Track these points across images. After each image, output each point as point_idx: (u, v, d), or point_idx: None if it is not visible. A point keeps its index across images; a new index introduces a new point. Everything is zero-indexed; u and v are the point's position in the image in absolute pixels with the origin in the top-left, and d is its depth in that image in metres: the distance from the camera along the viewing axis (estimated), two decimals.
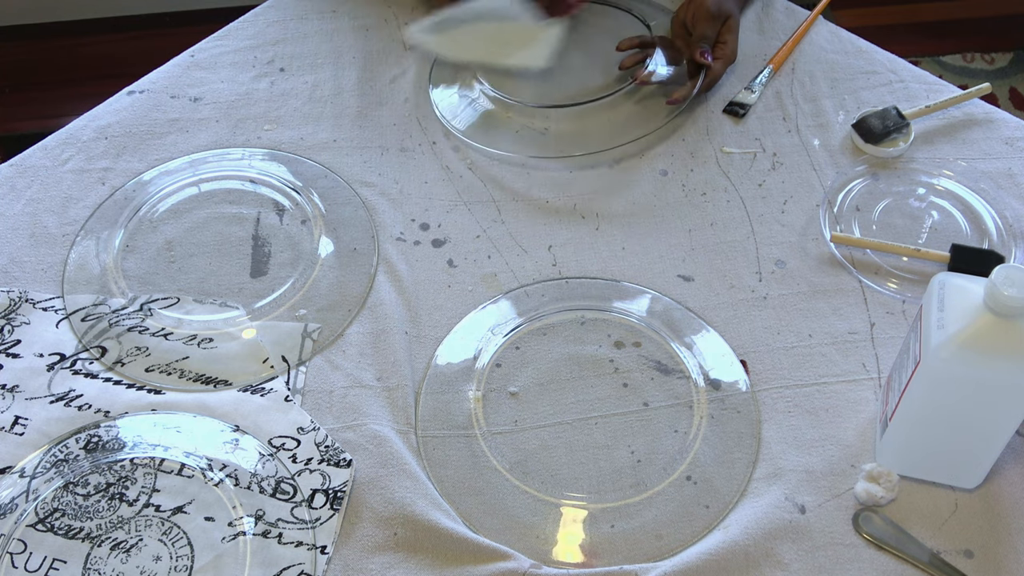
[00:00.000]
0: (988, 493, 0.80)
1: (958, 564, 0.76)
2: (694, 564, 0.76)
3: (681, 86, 1.08)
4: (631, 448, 0.84)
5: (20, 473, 0.81)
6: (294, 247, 0.97)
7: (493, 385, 0.88)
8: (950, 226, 0.99)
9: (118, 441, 0.83)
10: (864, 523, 0.79)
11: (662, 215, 1.01)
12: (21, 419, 0.85)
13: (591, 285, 0.95)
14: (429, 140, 1.08)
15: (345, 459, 0.82)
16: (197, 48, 1.18)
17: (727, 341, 0.90)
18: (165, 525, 0.78)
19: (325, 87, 1.13)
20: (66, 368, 0.88)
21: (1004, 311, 0.68)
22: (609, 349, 0.90)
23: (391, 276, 0.95)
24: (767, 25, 1.19)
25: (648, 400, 0.87)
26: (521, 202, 1.02)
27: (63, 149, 1.06)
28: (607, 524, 0.80)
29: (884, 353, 0.89)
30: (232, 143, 1.07)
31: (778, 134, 1.08)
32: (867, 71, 1.14)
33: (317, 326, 0.91)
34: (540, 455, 0.83)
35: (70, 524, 0.78)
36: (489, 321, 0.92)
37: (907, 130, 1.05)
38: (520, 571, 0.76)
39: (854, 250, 0.97)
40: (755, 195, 1.02)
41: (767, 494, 0.81)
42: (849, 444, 0.83)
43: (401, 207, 1.02)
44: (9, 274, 0.95)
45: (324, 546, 0.78)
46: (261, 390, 0.87)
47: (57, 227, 0.99)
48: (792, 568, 0.77)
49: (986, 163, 1.04)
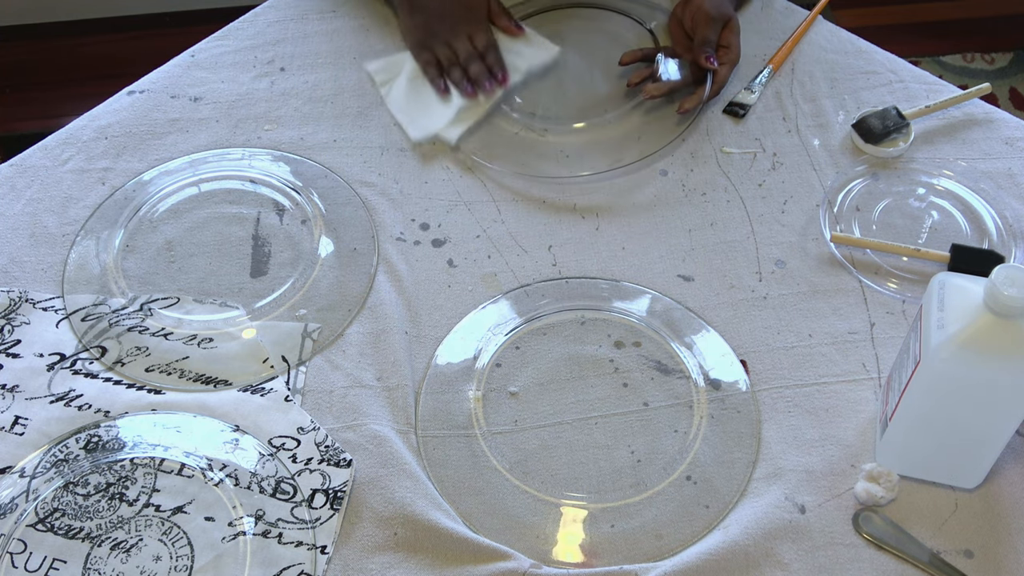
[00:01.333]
0: (988, 493, 0.80)
1: (958, 564, 0.76)
2: (694, 564, 0.76)
3: (689, 94, 1.07)
4: (631, 448, 0.84)
5: (20, 473, 0.81)
6: (294, 247, 0.97)
7: (493, 385, 0.88)
8: (950, 226, 0.99)
9: (118, 441, 0.83)
10: (864, 523, 0.79)
11: (662, 215, 1.01)
12: (21, 419, 0.85)
13: (591, 285, 0.95)
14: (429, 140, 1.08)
15: (345, 459, 0.82)
16: (197, 48, 1.18)
17: (727, 341, 0.90)
18: (165, 525, 0.78)
19: (325, 87, 1.13)
20: (66, 368, 0.88)
21: (1004, 311, 0.68)
22: (609, 349, 0.90)
23: (391, 276, 0.95)
24: (767, 25, 1.19)
25: (648, 400, 0.87)
26: (521, 202, 1.02)
27: (63, 149, 1.06)
28: (607, 524, 0.80)
29: (884, 353, 0.89)
30: (232, 143, 1.07)
31: (778, 134, 1.08)
32: (867, 71, 1.14)
33: (317, 326, 0.91)
34: (540, 455, 0.84)
35: (70, 524, 0.78)
36: (489, 321, 0.92)
37: (907, 130, 1.05)
38: (520, 571, 0.76)
39: (854, 250, 0.97)
40: (755, 195, 1.02)
41: (767, 494, 0.81)
42: (849, 444, 0.83)
43: (401, 207, 1.02)
44: (9, 274, 0.95)
45: (324, 546, 0.78)
46: (261, 390, 0.87)
47: (57, 227, 0.99)
48: (792, 568, 0.77)
49: (986, 163, 1.04)
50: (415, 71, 1.12)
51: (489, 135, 1.07)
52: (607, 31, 1.18)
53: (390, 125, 1.09)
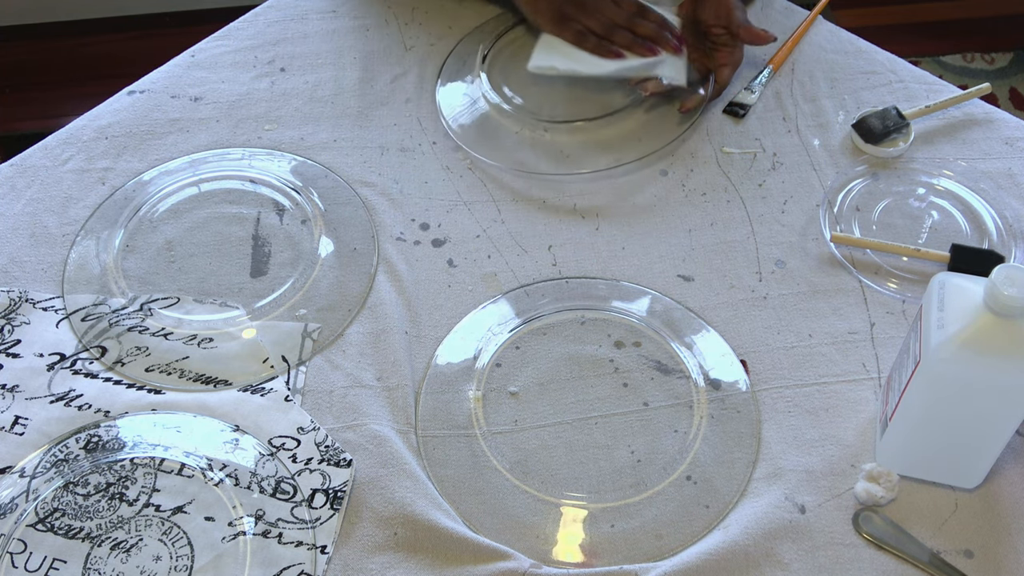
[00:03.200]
0: (988, 493, 0.80)
1: (958, 564, 0.76)
2: (694, 564, 0.76)
3: (691, 94, 1.07)
4: (631, 448, 0.84)
5: (20, 473, 0.81)
6: (294, 247, 0.97)
7: (493, 385, 0.88)
8: (950, 226, 0.99)
9: (118, 441, 0.83)
10: (864, 523, 0.79)
11: (662, 215, 1.01)
12: (21, 419, 0.85)
13: (591, 285, 0.95)
14: (429, 140, 1.08)
15: (345, 459, 0.82)
16: (197, 48, 1.18)
17: (727, 341, 0.90)
18: (165, 525, 0.78)
19: (325, 87, 1.13)
20: (66, 368, 0.88)
21: (1004, 311, 0.68)
22: (609, 349, 0.90)
23: (391, 276, 0.95)
24: (767, 25, 1.19)
25: (648, 400, 0.87)
26: (521, 202, 1.02)
27: (63, 149, 1.06)
28: (607, 524, 0.80)
29: (884, 353, 0.89)
30: (232, 143, 1.07)
31: (778, 134, 1.08)
32: (867, 71, 1.14)
33: (317, 326, 0.92)
34: (540, 455, 0.84)
35: (70, 524, 0.78)
36: (489, 321, 0.92)
37: (907, 130, 1.05)
38: (520, 571, 0.76)
39: (854, 250, 0.97)
40: (755, 195, 1.02)
41: (767, 494, 0.81)
42: (849, 444, 0.83)
43: (401, 207, 1.02)
44: (9, 274, 0.95)
45: (324, 546, 0.78)
46: (261, 390, 0.87)
47: (57, 227, 0.99)
48: (792, 568, 0.77)
49: (986, 163, 1.04)
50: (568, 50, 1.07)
51: (489, 133, 1.07)
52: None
53: (390, 125, 1.09)
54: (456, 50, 1.17)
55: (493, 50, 1.15)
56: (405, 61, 1.16)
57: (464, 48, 1.17)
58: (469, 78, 1.13)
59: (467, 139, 1.07)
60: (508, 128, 1.08)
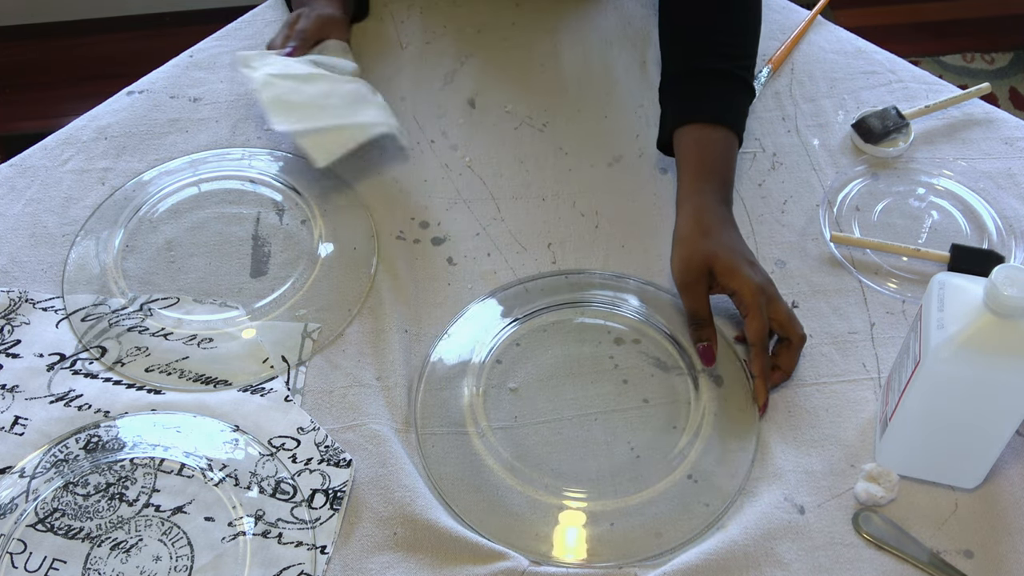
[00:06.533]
0: (988, 493, 0.80)
1: (958, 564, 0.76)
2: (694, 563, 0.76)
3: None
4: (631, 445, 0.84)
5: (20, 473, 0.81)
6: (294, 247, 0.97)
7: (493, 382, 0.88)
8: (950, 226, 0.99)
9: (118, 441, 0.83)
10: (864, 523, 0.79)
11: (662, 213, 1.01)
12: (21, 419, 0.85)
13: (591, 282, 0.95)
14: (428, 139, 1.08)
15: (345, 459, 0.82)
16: (197, 48, 1.18)
17: (727, 339, 0.90)
18: (165, 525, 0.78)
19: None
20: (66, 368, 0.88)
21: (1004, 311, 0.68)
22: (609, 346, 0.90)
23: (391, 275, 0.95)
24: (766, 25, 1.18)
25: (648, 397, 0.87)
26: (520, 200, 1.02)
27: (63, 149, 1.06)
28: (607, 522, 0.80)
29: (884, 353, 0.89)
30: (232, 143, 1.07)
31: (778, 134, 1.08)
32: (867, 71, 1.14)
33: (317, 326, 0.91)
34: (540, 452, 0.83)
35: (70, 524, 0.78)
36: (489, 318, 0.92)
37: (907, 130, 1.05)
38: (519, 570, 0.76)
39: (854, 250, 0.97)
40: (755, 195, 1.02)
41: (767, 494, 0.81)
42: (849, 444, 0.83)
43: (401, 206, 1.01)
44: (9, 274, 0.95)
45: (324, 546, 0.78)
46: (261, 390, 0.87)
47: (57, 227, 0.99)
48: (792, 568, 0.77)
49: (986, 163, 1.04)
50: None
51: (488, 131, 1.07)
52: (603, 28, 1.18)
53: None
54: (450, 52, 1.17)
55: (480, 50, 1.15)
56: (402, 60, 1.16)
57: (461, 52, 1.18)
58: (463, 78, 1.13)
59: (465, 137, 1.07)
60: (507, 126, 1.08)
